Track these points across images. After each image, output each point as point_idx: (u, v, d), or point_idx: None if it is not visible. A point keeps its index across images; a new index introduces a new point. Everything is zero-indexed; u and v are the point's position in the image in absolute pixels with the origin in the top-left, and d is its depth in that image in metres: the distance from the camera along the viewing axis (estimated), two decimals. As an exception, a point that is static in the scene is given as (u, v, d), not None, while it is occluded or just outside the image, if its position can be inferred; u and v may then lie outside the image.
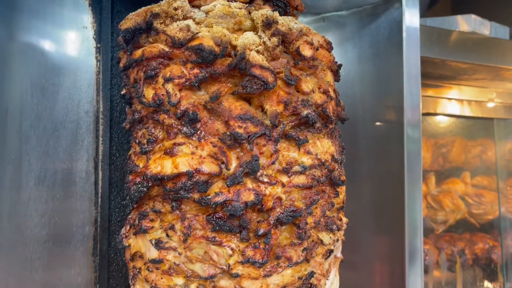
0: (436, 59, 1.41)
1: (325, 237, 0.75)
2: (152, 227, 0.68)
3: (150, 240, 0.68)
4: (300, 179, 0.70)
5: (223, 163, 0.65)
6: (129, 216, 0.74)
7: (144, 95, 0.66)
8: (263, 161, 0.67)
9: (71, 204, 0.94)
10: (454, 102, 2.01)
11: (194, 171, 0.64)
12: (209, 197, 0.64)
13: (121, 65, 0.73)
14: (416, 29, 1.10)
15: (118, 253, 0.97)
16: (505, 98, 2.10)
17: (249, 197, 0.65)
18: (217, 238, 0.65)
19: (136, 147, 0.69)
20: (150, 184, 0.66)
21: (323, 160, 0.72)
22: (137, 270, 0.70)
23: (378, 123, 1.18)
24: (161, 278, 0.67)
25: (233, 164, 0.66)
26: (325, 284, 0.75)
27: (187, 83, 0.64)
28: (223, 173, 0.65)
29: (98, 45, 0.98)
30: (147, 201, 0.69)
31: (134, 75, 0.68)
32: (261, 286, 0.67)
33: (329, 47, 0.77)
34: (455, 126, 2.31)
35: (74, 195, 0.94)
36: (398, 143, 1.09)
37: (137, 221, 0.69)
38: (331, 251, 0.76)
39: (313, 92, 0.72)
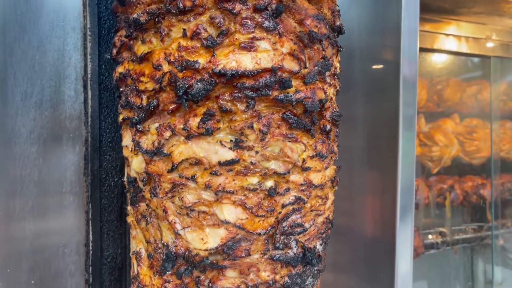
0: (435, -14, 1.37)
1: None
2: (219, 128, 0.63)
3: (220, 142, 0.64)
4: (336, 83, 0.74)
5: (299, 60, 0.64)
6: (162, 123, 0.66)
7: None
8: None
9: (60, 122, 0.90)
10: (451, 38, 1.98)
11: (277, 68, 0.62)
12: (291, 94, 0.63)
13: None
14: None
15: (110, 174, 0.96)
16: (503, 36, 2.07)
17: (321, 95, 0.67)
18: (294, 135, 0.66)
19: (182, 41, 0.62)
20: (216, 81, 0.61)
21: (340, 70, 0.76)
22: (187, 178, 0.65)
23: (374, 60, 1.16)
24: (233, 180, 0.64)
25: (307, 63, 0.65)
26: None
27: None
28: (301, 72, 0.64)
29: (84, -44, 0.92)
30: (206, 101, 0.64)
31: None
32: (321, 178, 0.71)
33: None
34: (451, 63, 2.28)
35: (63, 114, 0.91)
36: (394, 82, 1.07)
37: (193, 123, 0.63)
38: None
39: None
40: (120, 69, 0.71)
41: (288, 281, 0.71)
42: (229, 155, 0.63)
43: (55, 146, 0.90)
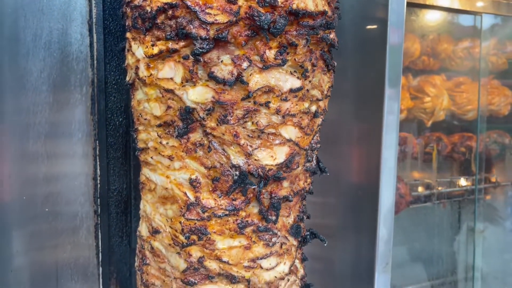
0: None
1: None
2: (287, 60, 0.72)
3: (290, 72, 0.74)
4: None
5: (331, 8, 0.75)
6: (237, 54, 0.70)
7: None
8: None
9: (68, 64, 0.93)
10: (443, -6, 2.00)
11: (326, 12, 0.72)
12: (329, 35, 0.76)
13: None
14: None
15: (115, 114, 1.02)
16: (495, -8, 2.08)
17: (336, 37, 0.80)
18: (325, 69, 0.79)
19: None
20: (288, 19, 0.69)
21: None
22: (260, 104, 0.73)
23: (362, 15, 1.19)
24: (296, 105, 0.75)
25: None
26: None
27: None
28: (331, 17, 0.76)
29: None
30: (275, 37, 0.70)
31: None
32: (328, 105, 0.86)
33: None
34: (443, 20, 2.30)
35: (71, 55, 0.95)
36: (381, 42, 1.11)
37: (271, 55, 0.70)
38: None
39: None
40: None
41: (310, 187, 0.88)
42: (298, 83, 0.75)
43: (63, 86, 0.95)
